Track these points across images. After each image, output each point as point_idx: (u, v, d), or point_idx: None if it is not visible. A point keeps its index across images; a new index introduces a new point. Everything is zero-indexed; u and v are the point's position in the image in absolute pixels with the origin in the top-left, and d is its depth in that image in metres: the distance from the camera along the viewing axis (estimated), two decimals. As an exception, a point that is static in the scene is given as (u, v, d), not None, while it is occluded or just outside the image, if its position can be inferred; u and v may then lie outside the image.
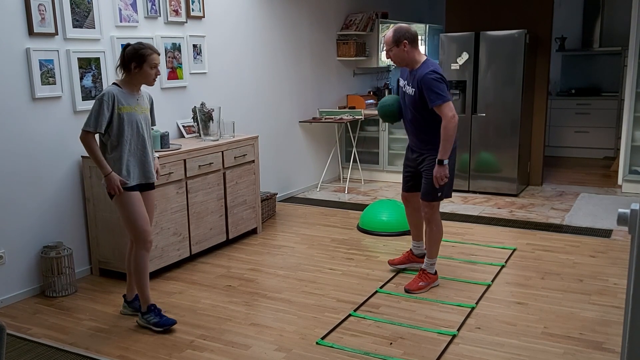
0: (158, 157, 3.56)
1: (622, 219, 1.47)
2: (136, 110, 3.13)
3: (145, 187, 3.27)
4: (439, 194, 3.62)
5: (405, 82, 3.67)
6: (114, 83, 3.16)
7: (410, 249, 4.05)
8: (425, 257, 3.77)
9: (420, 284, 3.69)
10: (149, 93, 3.34)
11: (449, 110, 3.43)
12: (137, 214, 3.16)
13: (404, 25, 3.63)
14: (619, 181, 6.28)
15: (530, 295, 3.56)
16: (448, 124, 3.43)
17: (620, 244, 4.45)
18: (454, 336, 3.05)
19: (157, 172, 3.39)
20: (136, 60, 3.08)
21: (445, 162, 3.49)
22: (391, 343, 2.99)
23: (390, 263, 4.04)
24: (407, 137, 3.83)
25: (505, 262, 4.14)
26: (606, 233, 4.73)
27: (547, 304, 3.42)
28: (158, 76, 3.19)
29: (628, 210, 1.43)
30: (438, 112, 3.46)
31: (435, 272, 3.76)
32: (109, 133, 3.09)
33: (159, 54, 3.17)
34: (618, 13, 7.89)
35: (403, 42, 3.52)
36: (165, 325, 3.18)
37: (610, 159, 7.84)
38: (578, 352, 2.87)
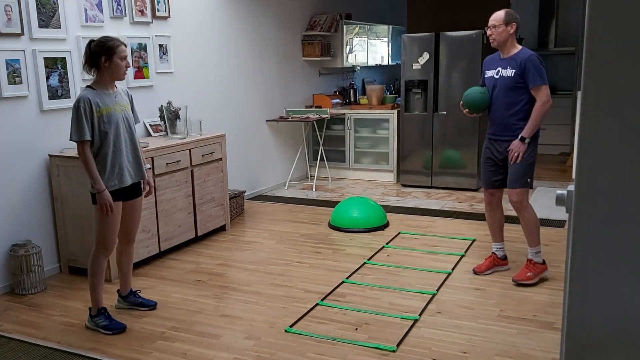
0: (149, 168, 3.51)
1: (560, 200, 1.61)
2: (115, 109, 3.09)
3: (134, 192, 3.27)
4: (528, 180, 3.60)
5: (495, 70, 3.70)
6: (87, 86, 3.11)
7: (494, 253, 3.93)
8: (528, 247, 3.71)
9: (528, 274, 3.65)
10: (126, 89, 3.31)
11: (546, 94, 3.56)
12: (110, 225, 3.14)
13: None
14: (574, 175, 6.56)
15: (488, 282, 3.74)
16: (543, 106, 3.55)
17: (573, 233, 4.67)
18: (415, 320, 3.20)
19: (149, 185, 3.39)
20: (105, 54, 3.03)
21: (527, 141, 3.54)
22: (356, 328, 3.13)
23: (477, 271, 3.88)
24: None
25: (465, 251, 4.32)
26: (560, 223, 4.97)
27: (503, 289, 3.61)
28: (128, 68, 3.15)
29: (565, 191, 1.58)
30: (534, 94, 3.57)
31: (543, 261, 3.70)
32: (92, 138, 3.04)
33: (125, 46, 3.14)
34: (572, 14, 8.22)
35: (512, 23, 3.60)
36: (114, 329, 3.14)
37: (566, 154, 8.16)
38: (531, 332, 3.05)
